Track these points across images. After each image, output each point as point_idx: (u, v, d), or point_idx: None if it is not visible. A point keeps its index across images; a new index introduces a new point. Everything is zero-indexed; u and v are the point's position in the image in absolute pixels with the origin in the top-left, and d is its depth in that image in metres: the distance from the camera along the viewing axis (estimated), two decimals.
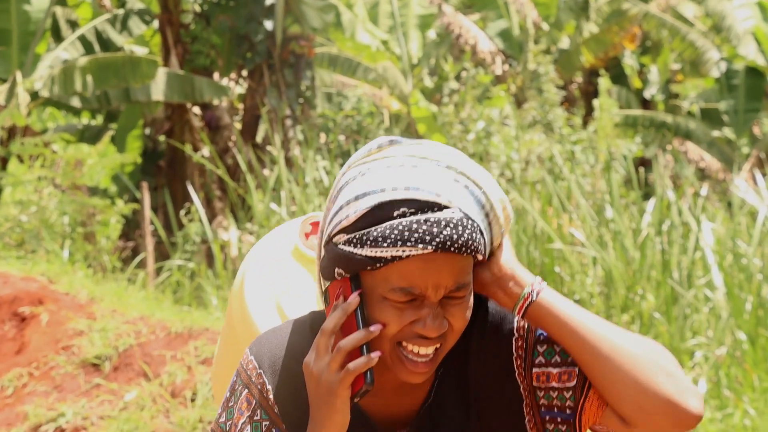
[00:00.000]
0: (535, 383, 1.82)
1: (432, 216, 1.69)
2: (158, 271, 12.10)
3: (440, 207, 1.70)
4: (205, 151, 15.93)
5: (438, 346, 1.74)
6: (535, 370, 1.82)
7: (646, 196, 12.62)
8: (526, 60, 18.19)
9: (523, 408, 1.83)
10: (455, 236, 1.69)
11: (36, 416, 6.36)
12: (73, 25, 16.07)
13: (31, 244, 11.00)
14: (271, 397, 1.83)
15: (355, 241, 1.71)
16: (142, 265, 12.10)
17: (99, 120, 18.60)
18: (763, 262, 8.78)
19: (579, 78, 20.84)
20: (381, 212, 1.70)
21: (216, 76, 16.59)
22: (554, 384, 1.81)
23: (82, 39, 14.53)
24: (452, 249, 1.69)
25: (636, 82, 22.04)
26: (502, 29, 18.98)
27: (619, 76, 21.34)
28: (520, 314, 1.81)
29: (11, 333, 7.27)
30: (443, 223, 1.69)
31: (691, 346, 8.06)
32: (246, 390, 1.84)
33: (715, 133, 20.24)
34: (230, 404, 1.86)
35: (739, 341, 7.86)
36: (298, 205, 10.89)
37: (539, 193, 10.62)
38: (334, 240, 1.74)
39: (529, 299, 1.80)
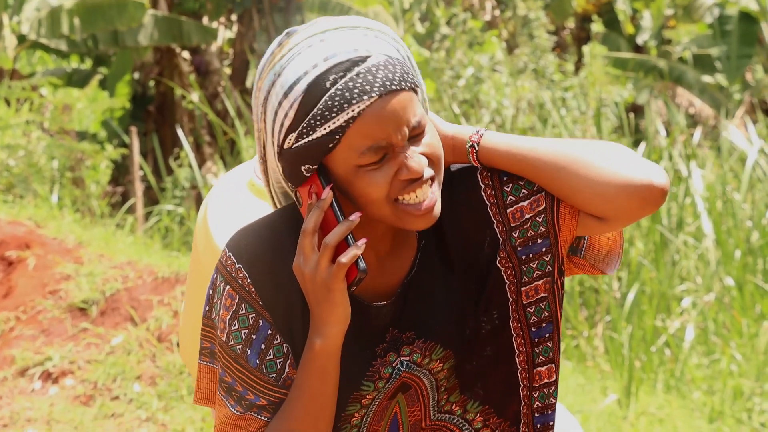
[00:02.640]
0: (512, 223, 1.87)
1: (362, 67, 1.71)
2: (147, 216, 12.07)
3: (365, 60, 1.72)
4: (195, 96, 15.84)
5: (431, 182, 1.77)
6: (509, 210, 1.87)
7: (637, 143, 12.59)
8: (516, 5, 18.06)
9: (502, 259, 1.87)
10: (390, 75, 1.71)
11: (23, 360, 6.36)
12: None
13: (19, 188, 10.95)
14: (253, 290, 1.84)
15: (306, 129, 1.73)
16: (131, 210, 12.06)
17: (88, 64, 18.46)
18: (752, 209, 8.78)
19: (571, 24, 20.71)
20: (315, 92, 1.71)
21: (205, 20, 16.45)
22: (527, 215, 1.87)
23: None
24: (393, 86, 1.71)
25: (629, 28, 21.91)
26: None
27: (611, 22, 21.22)
28: (477, 164, 1.88)
29: None
30: (374, 69, 1.71)
31: (680, 292, 8.07)
32: (228, 286, 1.85)
33: (708, 79, 20.16)
34: (215, 300, 1.88)
35: (728, 287, 7.87)
36: None
37: None
38: (286, 145, 1.76)
39: (475, 149, 1.86)
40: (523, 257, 1.87)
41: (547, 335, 1.91)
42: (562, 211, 1.86)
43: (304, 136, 1.73)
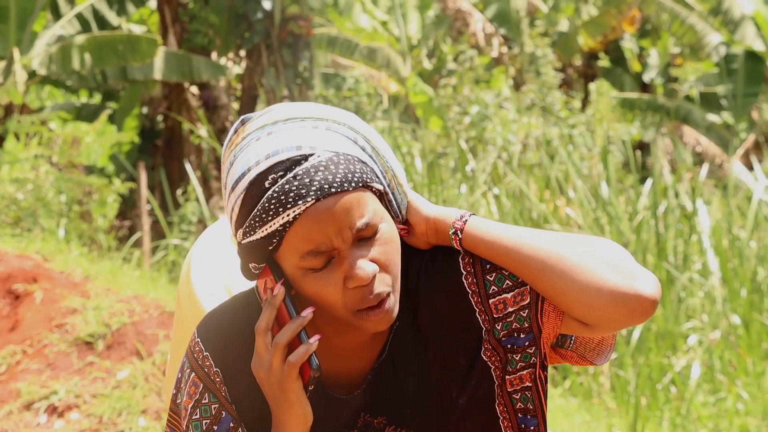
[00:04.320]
0: (495, 314, 1.77)
1: (300, 168, 1.63)
2: (154, 250, 12.10)
3: (307, 158, 1.64)
4: (203, 131, 15.91)
5: (386, 293, 1.68)
6: (491, 300, 1.77)
7: (644, 180, 12.62)
8: (524, 42, 18.15)
9: (483, 353, 1.78)
10: (330, 176, 1.63)
11: (29, 393, 6.36)
12: (72, 2, 16.02)
13: (27, 222, 10.99)
14: (218, 379, 1.78)
15: (248, 230, 1.66)
16: (138, 244, 12.09)
17: (96, 98, 18.57)
18: (758, 246, 8.78)
19: (578, 61, 20.80)
20: (256, 191, 1.64)
21: (214, 55, 16.56)
22: (510, 309, 1.77)
23: (80, 17, 14.49)
24: (332, 189, 1.63)
25: (635, 66, 22.00)
26: (501, 11, 18.93)
27: (618, 60, 21.31)
28: (459, 249, 1.78)
29: (5, 310, 7.27)
30: (312, 170, 1.63)
31: (686, 329, 8.06)
32: (193, 373, 1.80)
33: (714, 118, 20.20)
34: (181, 385, 1.83)
35: (734, 325, 7.86)
36: None
37: (536, 176, 10.60)
38: (238, 239, 1.70)
39: (458, 237, 1.77)
40: (508, 346, 1.78)
41: (532, 428, 1.82)
42: (547, 309, 1.76)
43: (248, 235, 1.67)
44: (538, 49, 16.32)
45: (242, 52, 16.78)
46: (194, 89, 16.60)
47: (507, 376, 1.79)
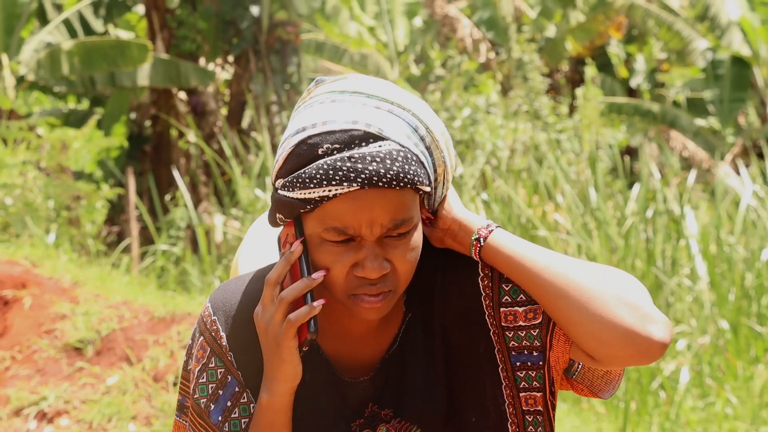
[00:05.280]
0: (504, 323, 1.78)
1: (358, 151, 1.64)
2: (143, 255, 12.08)
3: (369, 141, 1.65)
4: (191, 136, 15.90)
5: (387, 290, 1.70)
6: (502, 309, 1.78)
7: (632, 185, 12.65)
8: (511, 48, 18.20)
9: (495, 355, 1.79)
10: (382, 170, 1.63)
11: (18, 399, 6.35)
12: (59, 8, 15.99)
13: (16, 227, 10.96)
14: (224, 343, 1.80)
15: (288, 184, 1.67)
16: (127, 249, 12.07)
17: (85, 104, 18.54)
18: (746, 251, 8.82)
19: (565, 66, 20.86)
20: (307, 152, 1.65)
21: (202, 61, 16.55)
22: (521, 323, 1.77)
23: (66, 23, 14.47)
24: (380, 184, 1.63)
25: (622, 71, 22.07)
26: (489, 17, 18.97)
27: (605, 65, 21.38)
28: (476, 258, 1.78)
29: None
30: (369, 158, 1.63)
31: (675, 334, 8.08)
32: (201, 337, 1.82)
33: (701, 122, 20.28)
34: (192, 351, 1.84)
35: (722, 330, 7.89)
36: None
37: (524, 181, 10.63)
38: (276, 185, 1.72)
39: (479, 244, 1.76)
40: (518, 363, 1.78)
41: None
42: (557, 332, 1.77)
43: (286, 189, 1.68)
44: (525, 55, 16.36)
45: (230, 58, 16.78)
46: (182, 95, 16.58)
47: (521, 393, 1.79)
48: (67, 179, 12.38)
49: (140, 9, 17.21)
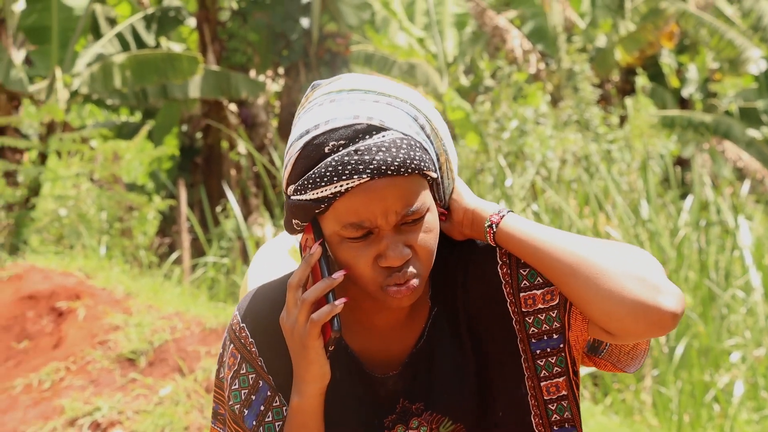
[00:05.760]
0: (524, 308, 1.81)
1: (363, 144, 1.67)
2: (194, 267, 12.17)
3: (372, 133, 1.68)
4: (242, 148, 15.99)
5: (413, 274, 1.72)
6: (522, 294, 1.81)
7: (684, 196, 12.54)
8: (561, 58, 18.12)
9: (518, 345, 1.81)
10: (389, 158, 1.67)
11: (72, 410, 6.41)
12: (112, 22, 16.17)
13: (70, 239, 11.09)
14: (254, 349, 1.84)
15: (299, 188, 1.70)
16: (178, 261, 12.16)
17: (137, 117, 18.72)
18: None
19: (616, 76, 20.73)
20: (314, 153, 1.69)
21: (252, 73, 16.65)
22: (540, 306, 1.80)
23: (119, 36, 14.63)
24: (389, 172, 1.67)
25: (674, 81, 21.89)
26: (538, 27, 18.90)
27: (656, 75, 21.20)
28: (492, 243, 1.81)
29: (49, 327, 7.33)
30: (374, 148, 1.67)
31: (729, 347, 7.99)
32: (232, 345, 1.86)
33: (754, 133, 20.06)
34: (223, 359, 1.88)
35: None
36: None
37: (575, 192, 10.57)
38: (288, 192, 1.75)
39: (492, 230, 1.79)
40: (538, 351, 1.81)
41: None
42: (574, 311, 1.80)
43: (298, 193, 1.71)
44: (576, 65, 16.28)
45: (280, 70, 16.86)
46: (233, 107, 16.70)
47: (542, 383, 1.82)
48: (120, 190, 12.51)
49: (192, 22, 17.35)
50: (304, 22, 16.00)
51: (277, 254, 2.31)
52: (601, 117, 14.63)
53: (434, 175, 1.74)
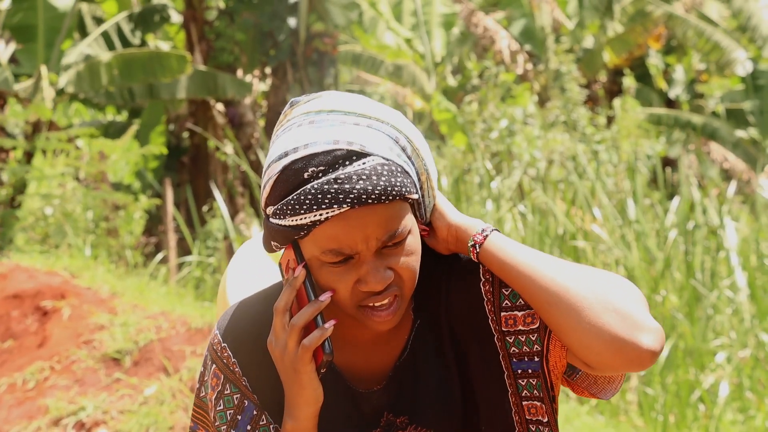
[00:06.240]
0: (504, 328, 1.79)
1: (343, 172, 1.64)
2: (180, 266, 12.14)
3: (352, 159, 1.65)
4: (229, 148, 15.96)
5: (394, 296, 1.71)
6: (503, 313, 1.79)
7: (671, 197, 12.56)
8: (548, 59, 18.14)
9: (500, 361, 1.80)
10: (370, 187, 1.64)
11: (57, 410, 6.39)
12: (99, 21, 16.12)
13: (55, 238, 11.05)
14: (237, 369, 1.81)
15: (278, 212, 1.68)
16: (164, 260, 12.13)
17: (124, 116, 18.67)
18: None
19: (603, 77, 20.76)
20: (293, 178, 1.65)
21: (239, 72, 16.62)
22: (521, 327, 1.78)
23: (105, 35, 14.58)
24: (370, 201, 1.64)
25: (660, 82, 21.93)
26: (526, 28, 18.92)
27: (643, 76, 21.25)
28: (476, 260, 1.79)
29: (33, 327, 7.31)
30: (354, 177, 1.64)
31: (714, 347, 8.00)
32: (214, 365, 1.83)
33: (741, 134, 20.11)
34: (205, 378, 1.86)
35: (763, 343, 7.80)
36: None
37: (563, 192, 10.57)
38: (267, 212, 1.72)
39: (476, 250, 1.77)
40: (519, 371, 1.79)
41: None
42: (554, 337, 1.77)
43: (277, 217, 1.69)
44: (563, 66, 16.30)
45: (268, 70, 16.84)
46: (220, 106, 16.66)
47: (524, 402, 1.80)
48: (106, 189, 12.47)
49: (177, 18, 17.30)
50: (292, 21, 15.98)
51: (257, 258, 2.27)
52: (588, 117, 14.65)
53: (416, 196, 1.71)
